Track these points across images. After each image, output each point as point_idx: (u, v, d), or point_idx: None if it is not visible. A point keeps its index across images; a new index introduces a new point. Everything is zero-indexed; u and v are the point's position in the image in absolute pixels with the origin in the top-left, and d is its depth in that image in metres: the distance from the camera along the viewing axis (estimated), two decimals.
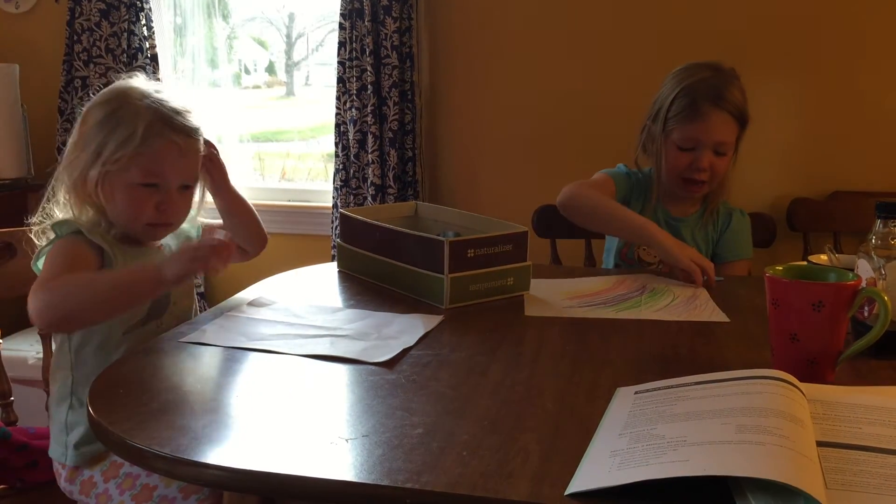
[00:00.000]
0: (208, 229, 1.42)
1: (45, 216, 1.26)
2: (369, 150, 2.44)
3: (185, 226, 1.36)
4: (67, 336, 1.24)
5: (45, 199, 1.27)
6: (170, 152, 1.23)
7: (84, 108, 1.26)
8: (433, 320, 1.26)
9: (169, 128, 1.23)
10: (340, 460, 0.79)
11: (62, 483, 1.25)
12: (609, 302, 1.38)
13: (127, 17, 2.57)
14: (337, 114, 2.49)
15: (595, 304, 1.37)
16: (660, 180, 1.74)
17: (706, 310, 1.33)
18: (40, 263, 1.22)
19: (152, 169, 1.23)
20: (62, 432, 1.24)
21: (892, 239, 1.11)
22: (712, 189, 1.73)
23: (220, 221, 1.43)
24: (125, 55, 2.58)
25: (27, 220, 1.27)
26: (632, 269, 1.74)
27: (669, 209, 1.77)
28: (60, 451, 1.24)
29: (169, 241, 1.34)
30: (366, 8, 2.38)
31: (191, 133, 1.26)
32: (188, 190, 1.29)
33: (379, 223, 1.47)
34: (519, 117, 2.46)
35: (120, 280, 1.16)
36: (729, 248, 1.77)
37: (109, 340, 1.24)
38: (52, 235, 1.23)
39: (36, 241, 1.25)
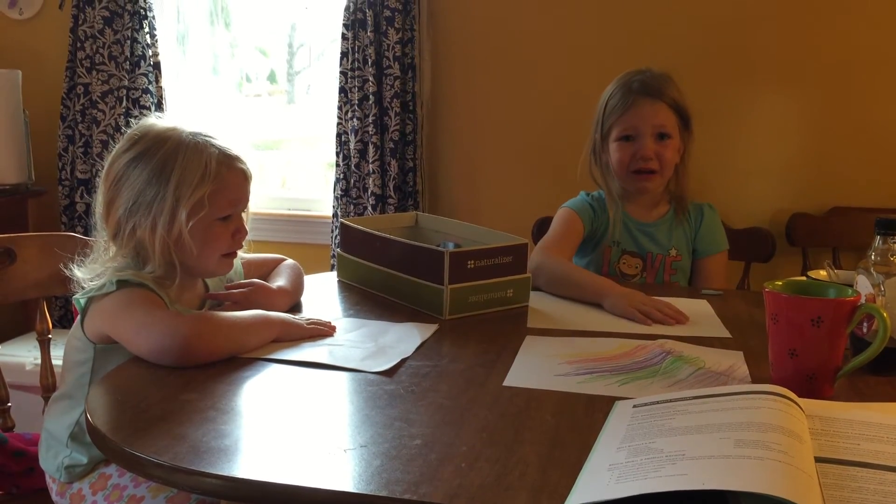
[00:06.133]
0: (246, 264, 1.42)
1: (95, 267, 1.20)
2: (370, 160, 2.44)
3: None
4: (91, 368, 1.19)
5: (95, 251, 1.23)
6: (242, 180, 1.25)
7: (125, 157, 1.19)
8: (429, 329, 1.27)
9: (231, 157, 1.23)
10: (338, 471, 0.79)
11: (54, 497, 1.24)
12: (617, 370, 1.10)
13: (130, 24, 2.57)
14: (338, 123, 2.50)
15: (598, 372, 1.09)
16: (611, 194, 1.77)
17: (735, 381, 1.07)
18: (83, 301, 1.17)
19: (232, 200, 1.23)
20: (59, 453, 1.22)
21: (892, 255, 1.11)
22: (665, 181, 1.76)
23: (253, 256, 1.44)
24: (128, 62, 2.59)
25: (71, 264, 1.20)
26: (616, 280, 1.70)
27: (635, 216, 1.79)
28: (55, 467, 1.22)
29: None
30: (368, 19, 2.39)
31: (243, 158, 1.26)
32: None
33: (379, 233, 1.48)
34: (520, 129, 2.47)
35: (249, 324, 1.15)
36: (707, 242, 1.81)
37: None
38: (105, 285, 1.15)
39: (82, 282, 1.19)
